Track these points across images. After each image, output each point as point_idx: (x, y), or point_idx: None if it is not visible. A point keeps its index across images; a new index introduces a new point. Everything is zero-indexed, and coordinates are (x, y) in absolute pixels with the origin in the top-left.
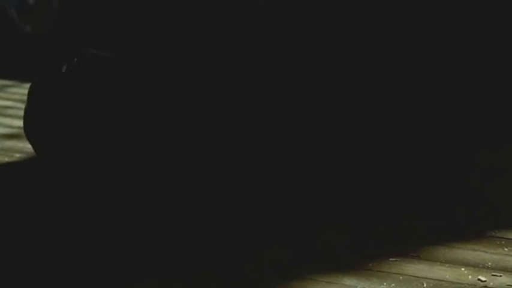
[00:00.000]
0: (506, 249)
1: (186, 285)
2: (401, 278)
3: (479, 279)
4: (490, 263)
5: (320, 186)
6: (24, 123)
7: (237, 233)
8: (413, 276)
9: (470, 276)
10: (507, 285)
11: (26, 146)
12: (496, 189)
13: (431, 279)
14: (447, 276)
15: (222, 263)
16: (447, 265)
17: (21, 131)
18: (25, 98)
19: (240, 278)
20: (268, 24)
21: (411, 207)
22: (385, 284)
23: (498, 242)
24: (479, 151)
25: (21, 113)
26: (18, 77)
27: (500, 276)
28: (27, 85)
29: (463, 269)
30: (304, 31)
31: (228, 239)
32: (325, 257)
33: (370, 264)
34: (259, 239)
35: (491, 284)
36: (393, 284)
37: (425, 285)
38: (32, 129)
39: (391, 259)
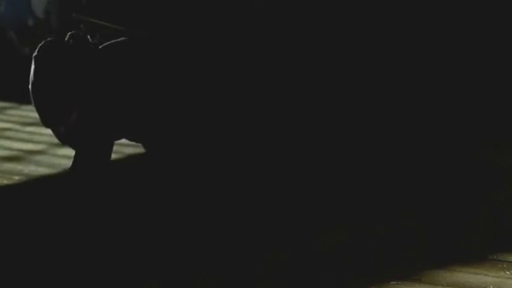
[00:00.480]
0: (508, 272)
1: (186, 286)
2: None
3: None
4: (491, 286)
5: (320, 188)
6: (33, 89)
7: (239, 235)
8: None
9: None
10: None
11: (25, 169)
12: (500, 199)
13: None
14: None
15: (223, 265)
16: None
17: (21, 154)
18: (24, 120)
19: (243, 279)
20: (268, 24)
21: (413, 220)
22: None
23: (500, 266)
24: (484, 151)
25: (21, 135)
26: (17, 99)
27: None
28: (27, 107)
29: None
30: (303, 31)
31: (230, 241)
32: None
33: None
34: (262, 241)
35: None
36: None
37: None
38: (40, 96)
39: (392, 282)
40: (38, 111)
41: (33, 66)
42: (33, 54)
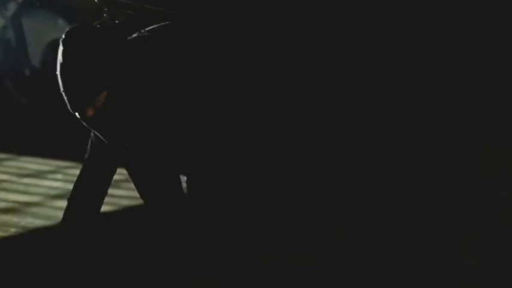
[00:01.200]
0: None
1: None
2: None
3: None
4: None
5: (320, 190)
6: (61, 73)
7: (237, 238)
8: None
9: None
10: None
11: (22, 221)
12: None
13: None
14: None
15: (223, 265)
16: None
17: (17, 205)
18: (21, 171)
19: (240, 280)
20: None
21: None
22: None
23: None
24: (485, 152)
25: (17, 186)
26: (14, 150)
27: None
28: (24, 158)
29: None
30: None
31: (229, 243)
32: None
33: None
34: (259, 244)
35: None
36: None
37: None
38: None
39: None
40: (66, 95)
41: (60, 50)
42: (61, 38)
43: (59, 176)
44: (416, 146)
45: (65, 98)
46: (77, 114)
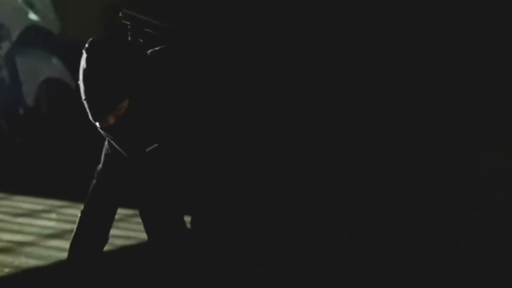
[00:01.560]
0: None
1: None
2: None
3: None
4: None
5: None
6: (84, 80)
7: (237, 237)
8: None
9: None
10: None
11: (15, 260)
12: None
13: None
14: None
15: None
16: None
17: (11, 245)
18: (15, 211)
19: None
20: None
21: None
22: None
23: None
24: (486, 153)
25: (11, 226)
26: (7, 189)
27: None
28: (18, 198)
29: None
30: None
31: (228, 242)
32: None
33: None
34: (259, 243)
35: None
36: None
37: None
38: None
39: None
40: (88, 102)
41: (84, 57)
42: (85, 47)
43: (53, 216)
44: (416, 146)
45: (87, 106)
46: (97, 123)
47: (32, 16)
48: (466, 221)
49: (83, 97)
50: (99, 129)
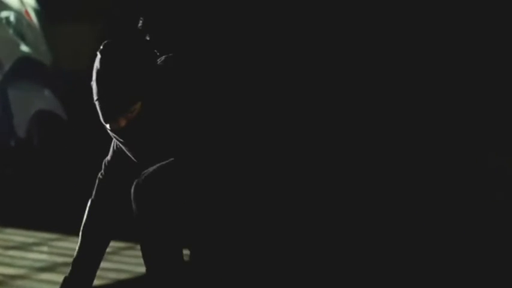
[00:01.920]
0: None
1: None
2: None
3: None
4: None
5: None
6: (98, 81)
7: (236, 236)
8: None
9: None
10: None
11: None
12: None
13: None
14: None
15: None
16: None
17: (2, 278)
18: (6, 244)
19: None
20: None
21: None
22: None
23: None
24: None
25: (2, 259)
26: None
27: None
28: (9, 230)
29: None
30: None
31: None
32: None
33: None
34: (260, 244)
35: None
36: None
37: None
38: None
39: None
40: (101, 103)
41: (98, 58)
42: (99, 49)
43: (45, 249)
44: (416, 146)
45: (98, 107)
46: (107, 125)
47: (24, 47)
48: (466, 221)
49: (95, 97)
50: (109, 131)
